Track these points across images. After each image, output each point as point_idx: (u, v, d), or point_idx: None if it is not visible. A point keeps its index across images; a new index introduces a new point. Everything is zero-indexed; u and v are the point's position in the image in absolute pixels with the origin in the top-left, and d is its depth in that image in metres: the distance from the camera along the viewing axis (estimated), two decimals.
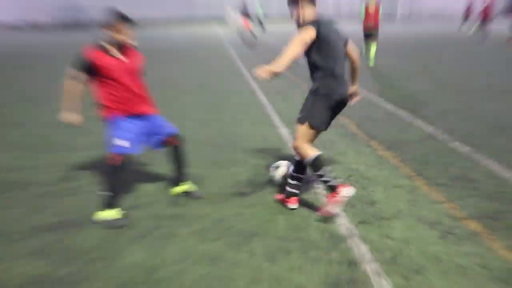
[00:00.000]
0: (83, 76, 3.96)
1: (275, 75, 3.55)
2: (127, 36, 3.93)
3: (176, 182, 4.60)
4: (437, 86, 10.55)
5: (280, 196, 4.44)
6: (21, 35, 32.56)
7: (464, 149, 5.88)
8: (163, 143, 4.35)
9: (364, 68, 12.79)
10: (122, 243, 3.73)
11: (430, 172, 5.10)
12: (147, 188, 4.87)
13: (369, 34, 13.58)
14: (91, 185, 4.98)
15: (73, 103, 4.01)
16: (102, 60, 3.90)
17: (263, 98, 9.59)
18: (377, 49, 13.95)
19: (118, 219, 4.02)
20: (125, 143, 3.98)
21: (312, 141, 4.06)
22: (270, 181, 4.82)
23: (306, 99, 4.03)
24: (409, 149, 5.97)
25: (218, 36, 25.84)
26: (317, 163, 3.93)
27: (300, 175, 4.25)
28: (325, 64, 3.86)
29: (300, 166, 4.20)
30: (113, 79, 3.97)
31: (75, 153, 6.13)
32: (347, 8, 40.18)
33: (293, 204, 4.27)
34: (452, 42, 22.22)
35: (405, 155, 5.69)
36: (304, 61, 4.01)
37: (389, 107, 8.39)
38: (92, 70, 3.93)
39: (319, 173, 3.93)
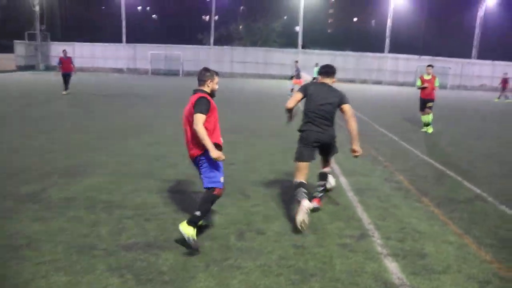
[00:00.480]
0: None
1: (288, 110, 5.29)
2: (217, 84, 4.62)
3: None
4: (483, 151, 10.30)
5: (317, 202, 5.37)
6: (120, 76, 36.84)
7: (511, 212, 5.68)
8: None
9: (418, 132, 12.63)
10: (193, 270, 3.84)
11: (478, 232, 4.97)
12: (220, 221, 5.00)
13: (424, 103, 12.80)
14: (170, 213, 5.19)
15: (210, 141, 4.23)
16: (213, 102, 4.46)
17: None
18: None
19: (194, 239, 4.15)
20: (222, 179, 4.45)
21: (301, 170, 5.13)
22: (329, 226, 4.86)
23: None
24: (458, 208, 5.84)
25: (287, 86, 27.23)
26: (296, 187, 5.05)
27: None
28: (306, 114, 5.18)
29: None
30: (215, 118, 4.46)
31: (160, 182, 6.42)
32: (403, 76, 40.75)
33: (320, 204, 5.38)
34: (493, 110, 21.71)
35: (454, 213, 5.58)
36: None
37: (440, 168, 8.21)
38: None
39: (295, 192, 5.02)
